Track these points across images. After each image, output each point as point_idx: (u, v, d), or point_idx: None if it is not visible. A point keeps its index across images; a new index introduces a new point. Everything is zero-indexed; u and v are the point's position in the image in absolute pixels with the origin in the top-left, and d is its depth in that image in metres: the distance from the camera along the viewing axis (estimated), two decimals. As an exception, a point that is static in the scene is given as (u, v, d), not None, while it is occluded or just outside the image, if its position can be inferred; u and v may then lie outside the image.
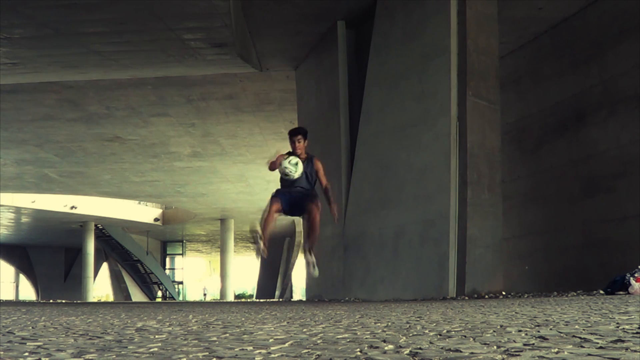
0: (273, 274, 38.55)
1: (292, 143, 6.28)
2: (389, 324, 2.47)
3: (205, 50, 11.04)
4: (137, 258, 37.20)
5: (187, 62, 11.77)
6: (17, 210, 29.65)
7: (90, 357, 1.42)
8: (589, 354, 1.26)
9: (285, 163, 5.85)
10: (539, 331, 1.82)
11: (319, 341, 1.73)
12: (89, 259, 32.01)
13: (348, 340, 1.75)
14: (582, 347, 1.39)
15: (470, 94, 7.91)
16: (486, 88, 8.19)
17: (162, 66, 12.22)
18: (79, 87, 13.96)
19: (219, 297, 34.71)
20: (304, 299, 11.32)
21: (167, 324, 2.83)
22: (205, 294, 45.40)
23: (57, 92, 14.22)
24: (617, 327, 1.89)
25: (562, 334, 1.70)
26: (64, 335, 2.13)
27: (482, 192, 7.90)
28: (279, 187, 6.20)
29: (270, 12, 10.30)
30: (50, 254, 40.98)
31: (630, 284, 6.44)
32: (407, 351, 1.42)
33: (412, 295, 8.18)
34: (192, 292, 48.80)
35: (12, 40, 10.42)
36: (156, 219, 34.47)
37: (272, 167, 6.07)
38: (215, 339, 1.89)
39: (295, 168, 5.88)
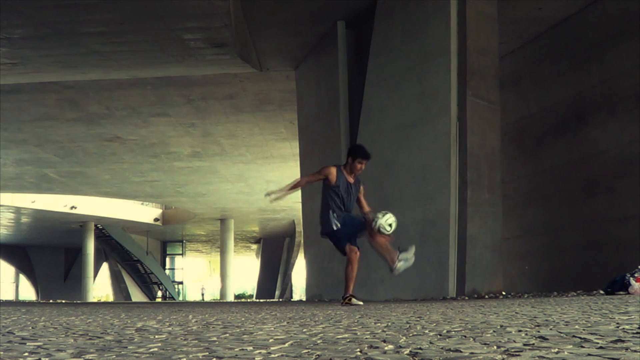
0: (273, 274, 38.57)
1: (358, 163, 6.15)
2: (389, 324, 2.47)
3: (205, 50, 11.05)
4: (137, 258, 37.20)
5: (187, 62, 11.78)
6: (17, 210, 29.65)
7: (90, 357, 1.42)
8: (589, 354, 1.26)
9: (383, 223, 5.96)
10: (539, 331, 1.82)
11: (319, 341, 1.73)
12: (88, 259, 32.02)
13: (348, 340, 1.75)
14: (582, 347, 1.39)
15: (470, 94, 7.91)
16: (486, 88, 8.19)
17: (162, 66, 12.22)
18: (79, 87, 13.96)
19: (218, 297, 34.70)
20: (304, 299, 11.33)
21: (167, 324, 2.82)
22: (203, 294, 45.42)
23: (57, 92, 14.23)
24: (617, 327, 1.88)
25: (562, 334, 1.69)
26: (64, 335, 2.13)
27: (482, 192, 7.90)
28: (332, 209, 6.12)
29: (270, 12, 10.30)
30: (50, 254, 40.98)
31: (630, 284, 6.42)
32: (407, 351, 1.42)
33: (412, 295, 8.17)
34: (192, 292, 48.82)
35: (12, 40, 10.43)
36: (156, 219, 34.48)
37: (300, 184, 6.20)
38: (215, 339, 1.89)
39: (390, 228, 5.98)
